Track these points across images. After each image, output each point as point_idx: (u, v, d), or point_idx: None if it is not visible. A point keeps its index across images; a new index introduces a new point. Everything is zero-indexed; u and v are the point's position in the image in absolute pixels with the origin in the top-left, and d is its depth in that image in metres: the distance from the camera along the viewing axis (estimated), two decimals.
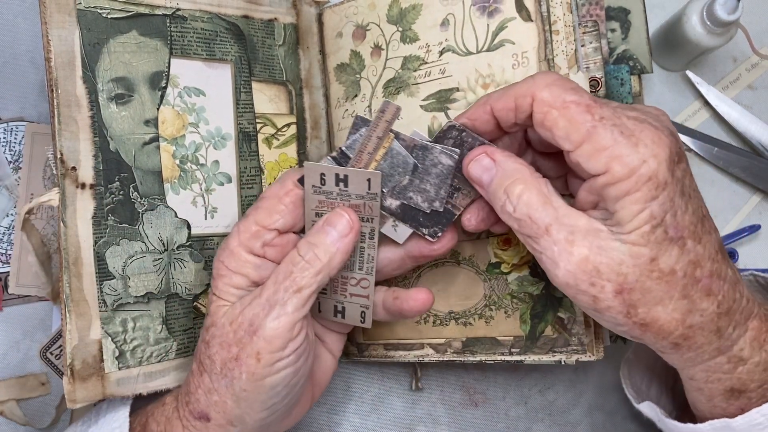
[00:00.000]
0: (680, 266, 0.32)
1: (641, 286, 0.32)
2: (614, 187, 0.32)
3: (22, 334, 0.51)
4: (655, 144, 0.32)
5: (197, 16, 0.47)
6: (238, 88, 0.48)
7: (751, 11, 0.57)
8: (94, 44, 0.43)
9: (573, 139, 0.33)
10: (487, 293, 0.45)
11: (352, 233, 0.39)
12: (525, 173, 0.35)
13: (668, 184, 0.31)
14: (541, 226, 0.34)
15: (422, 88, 0.46)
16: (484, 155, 0.37)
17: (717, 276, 0.33)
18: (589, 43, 0.42)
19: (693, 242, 0.32)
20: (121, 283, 0.43)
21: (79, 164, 0.42)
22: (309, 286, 0.38)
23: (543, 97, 0.33)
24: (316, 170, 0.39)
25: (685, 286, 0.33)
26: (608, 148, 0.32)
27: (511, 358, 0.44)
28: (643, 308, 0.33)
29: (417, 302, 0.42)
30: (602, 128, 0.32)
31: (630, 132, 0.32)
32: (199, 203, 0.46)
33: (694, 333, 0.34)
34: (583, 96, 0.33)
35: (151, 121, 0.45)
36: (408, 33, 0.47)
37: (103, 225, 0.42)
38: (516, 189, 0.35)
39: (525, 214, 0.34)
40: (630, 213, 0.32)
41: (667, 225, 0.32)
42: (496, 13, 0.44)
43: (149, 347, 0.43)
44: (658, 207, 0.32)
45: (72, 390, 0.40)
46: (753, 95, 0.57)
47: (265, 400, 0.38)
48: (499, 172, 0.36)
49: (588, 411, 0.55)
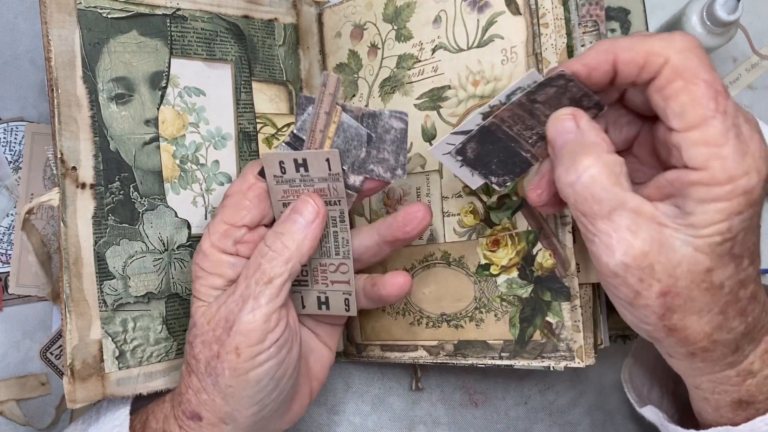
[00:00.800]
0: (729, 282, 0.31)
1: (687, 294, 0.31)
2: (704, 189, 0.30)
3: (22, 334, 0.51)
4: (762, 159, 0.30)
5: (197, 16, 0.47)
6: (239, 88, 0.48)
7: (751, 11, 0.57)
8: (95, 44, 0.43)
9: (687, 119, 0.30)
10: (477, 295, 0.45)
11: (318, 218, 0.39)
12: (603, 148, 0.33)
13: (756, 202, 0.30)
14: (603, 208, 0.31)
15: (416, 87, 0.46)
16: (570, 117, 0.34)
17: (754, 298, 0.33)
18: (589, 42, 0.42)
19: (749, 261, 0.32)
20: (121, 283, 0.42)
21: (80, 164, 0.42)
22: (280, 275, 0.37)
23: (678, 62, 0.30)
24: (274, 159, 0.39)
25: (727, 303, 0.32)
26: (718, 146, 0.29)
27: (501, 362, 0.44)
28: (679, 314, 0.32)
29: (394, 286, 0.42)
30: (721, 122, 0.29)
31: (743, 138, 0.30)
32: (199, 203, 0.46)
33: (716, 347, 0.33)
34: (716, 79, 0.30)
35: (152, 120, 0.44)
36: (403, 31, 0.47)
37: (103, 225, 0.42)
38: (586, 160, 0.32)
39: (588, 190, 0.32)
40: (709, 220, 0.30)
41: (737, 242, 0.30)
42: (486, 8, 0.44)
43: (149, 347, 0.43)
44: (739, 222, 0.30)
45: (72, 390, 0.40)
46: (753, 95, 0.57)
47: (252, 395, 0.38)
48: (577, 139, 0.33)
49: (588, 411, 0.55)
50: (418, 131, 0.46)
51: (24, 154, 0.52)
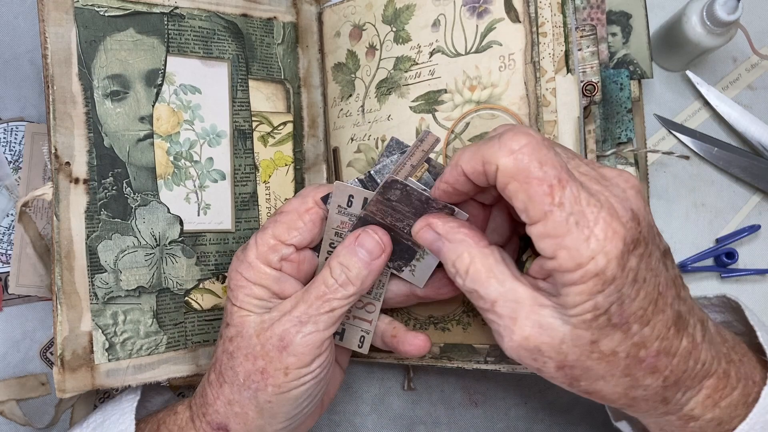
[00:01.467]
0: (622, 348, 0.32)
1: (581, 365, 0.32)
2: (560, 275, 0.31)
3: (22, 334, 0.52)
4: (608, 239, 0.30)
5: (195, 15, 0.47)
6: (235, 86, 0.49)
7: (751, 11, 0.56)
8: (91, 42, 0.43)
9: (530, 215, 0.32)
10: (464, 299, 0.45)
11: (384, 255, 0.39)
12: (470, 244, 0.35)
13: (616, 278, 0.31)
14: (487, 301, 0.34)
15: (412, 89, 0.46)
16: (426, 228, 0.37)
17: (665, 354, 0.33)
18: (586, 47, 0.42)
19: (639, 326, 0.32)
20: (112, 276, 0.43)
21: (73, 159, 0.42)
22: (341, 306, 0.38)
23: (507, 166, 0.32)
24: (345, 191, 0.39)
25: (627, 366, 0.32)
26: (560, 237, 0.31)
27: (487, 366, 0.44)
28: (585, 382, 0.33)
29: (412, 347, 0.43)
30: (558, 214, 0.31)
31: (585, 222, 0.31)
32: (192, 200, 0.46)
33: (638, 403, 0.34)
34: (548, 172, 0.31)
35: (146, 118, 0.45)
36: (401, 33, 0.47)
37: (95, 219, 0.43)
38: (463, 263, 0.35)
39: (473, 288, 0.34)
40: (574, 301, 0.31)
41: (612, 314, 0.31)
42: (485, 14, 0.43)
43: (139, 340, 0.44)
44: (603, 299, 0.31)
45: (62, 380, 0.41)
46: (753, 95, 0.57)
47: (288, 411, 0.39)
48: (445, 245, 0.36)
49: (588, 411, 0.54)
50: (413, 133, 0.46)
51: (24, 154, 0.53)
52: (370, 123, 0.48)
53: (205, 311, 0.46)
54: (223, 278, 0.47)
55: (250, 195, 0.49)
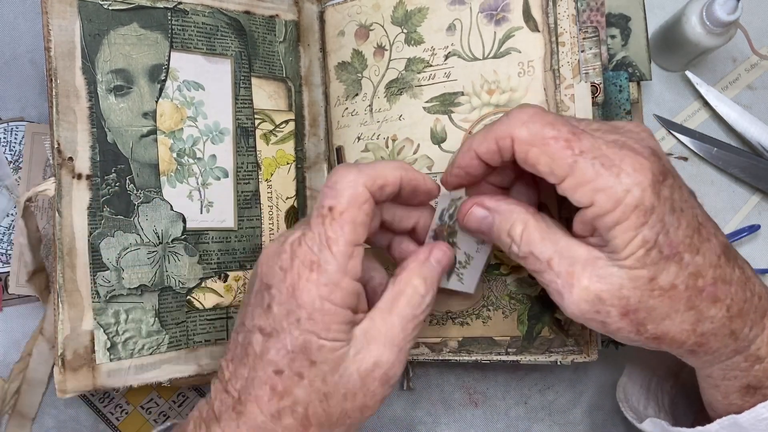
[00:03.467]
0: (680, 280, 0.33)
1: (645, 306, 0.33)
2: (603, 218, 0.32)
3: (22, 334, 0.51)
4: (637, 171, 0.31)
5: (198, 11, 0.47)
6: (238, 83, 0.48)
7: (751, 11, 0.57)
8: (95, 35, 0.43)
9: (557, 173, 0.33)
10: (485, 294, 0.45)
11: None
12: (521, 211, 0.36)
13: (655, 207, 0.32)
14: (543, 261, 0.34)
15: (426, 90, 0.47)
16: (476, 206, 0.37)
17: (722, 281, 0.33)
18: (588, 48, 0.43)
19: (690, 255, 0.33)
20: (114, 274, 0.42)
21: (76, 155, 0.42)
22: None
23: (522, 136, 0.33)
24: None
25: (690, 298, 0.33)
26: (591, 182, 0.32)
27: (507, 357, 0.44)
28: (652, 324, 0.33)
29: None
30: (583, 162, 0.32)
31: (611, 162, 0.32)
32: (195, 197, 0.46)
33: (708, 339, 0.34)
34: (561, 129, 0.33)
35: (150, 113, 0.44)
36: (413, 35, 0.47)
37: (98, 216, 0.42)
38: (517, 230, 0.35)
39: (528, 251, 0.35)
40: (623, 241, 0.32)
41: (661, 245, 0.32)
42: (503, 22, 0.44)
43: (141, 339, 0.43)
44: (649, 231, 0.32)
45: (62, 380, 0.40)
46: (752, 95, 0.57)
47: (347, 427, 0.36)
48: (497, 218, 0.36)
49: (588, 411, 0.54)
50: (427, 133, 0.46)
51: (24, 154, 0.52)
52: (380, 122, 0.48)
53: (207, 310, 0.46)
54: (225, 277, 0.47)
55: (252, 193, 0.48)
